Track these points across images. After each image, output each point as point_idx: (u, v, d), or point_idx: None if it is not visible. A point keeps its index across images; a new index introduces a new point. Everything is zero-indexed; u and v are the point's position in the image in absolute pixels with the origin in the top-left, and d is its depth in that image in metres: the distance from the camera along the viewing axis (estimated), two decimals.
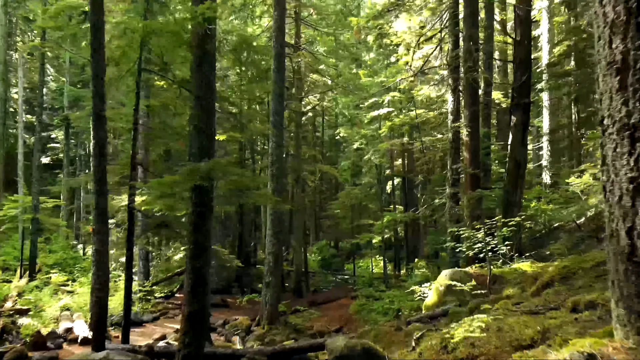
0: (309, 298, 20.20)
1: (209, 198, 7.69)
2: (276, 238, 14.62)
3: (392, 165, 26.05)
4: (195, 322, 7.34)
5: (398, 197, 29.73)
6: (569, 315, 3.92)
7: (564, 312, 4.14)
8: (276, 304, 14.71)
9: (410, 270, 19.47)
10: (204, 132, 7.72)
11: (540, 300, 5.42)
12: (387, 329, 8.22)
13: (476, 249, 9.80)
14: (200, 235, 7.52)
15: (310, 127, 33.46)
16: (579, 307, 4.01)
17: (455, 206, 13.40)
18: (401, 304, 15.60)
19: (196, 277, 7.43)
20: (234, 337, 12.95)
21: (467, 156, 13.30)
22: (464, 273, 9.25)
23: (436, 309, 8.65)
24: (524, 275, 8.77)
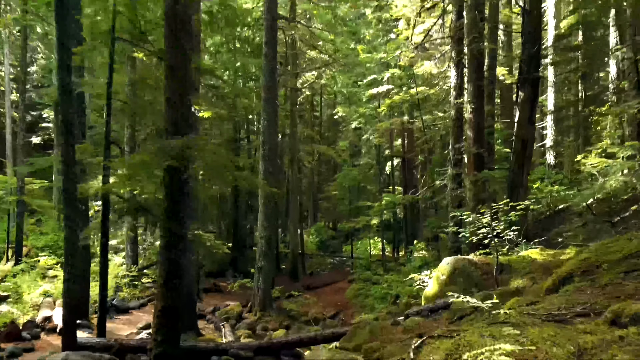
0: (305, 281, 19.50)
1: (184, 180, 6.81)
2: (268, 222, 13.80)
3: (391, 145, 25.09)
4: (169, 318, 6.54)
5: (397, 178, 28.85)
6: (609, 331, 3.08)
7: (600, 325, 3.30)
8: (269, 289, 13.98)
9: (410, 253, 18.71)
10: (178, 106, 6.80)
11: (560, 300, 4.59)
12: (384, 324, 7.42)
13: (480, 235, 8.96)
14: (174, 222, 6.66)
15: (308, 107, 32.41)
16: (620, 318, 3.17)
17: (458, 188, 12.53)
18: (399, 290, 14.87)
19: (170, 268, 6.60)
20: (224, 325, 12.21)
21: (471, 135, 12.38)
22: (468, 261, 8.43)
23: (437, 301, 7.85)
24: (533, 264, 7.95)
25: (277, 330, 12.81)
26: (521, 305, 4.96)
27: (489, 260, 8.46)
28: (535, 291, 6.20)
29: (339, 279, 19.87)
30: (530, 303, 4.88)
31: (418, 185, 23.90)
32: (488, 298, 6.72)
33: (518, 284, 7.26)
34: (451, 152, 13.08)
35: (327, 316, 14.58)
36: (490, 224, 7.83)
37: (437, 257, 17.06)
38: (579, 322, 3.64)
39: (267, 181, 13.78)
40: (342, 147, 28.42)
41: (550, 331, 3.38)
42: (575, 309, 4.07)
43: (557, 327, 3.53)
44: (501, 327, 3.82)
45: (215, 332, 12.27)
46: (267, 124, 13.88)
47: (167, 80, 6.89)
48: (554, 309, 4.29)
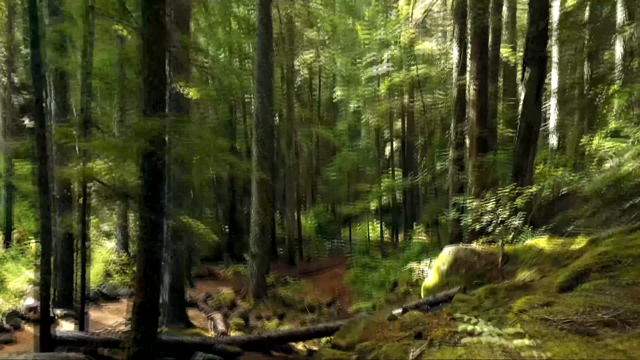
0: (302, 267, 19.02)
1: (162, 165, 6.20)
2: (262, 207, 13.22)
3: (391, 127, 24.39)
4: (147, 315, 5.99)
5: (397, 161, 28.21)
6: None
7: (634, 342, 2.72)
8: (263, 276, 13.48)
9: (409, 238, 18.18)
10: (156, 85, 6.15)
11: (578, 301, 4.03)
12: (380, 318, 6.88)
13: (484, 222, 8.39)
14: (151, 210, 6.07)
15: (306, 88, 31.60)
16: None
17: (459, 172, 11.92)
18: (398, 276, 14.37)
19: (148, 261, 6.03)
20: (215, 314, 11.72)
21: (474, 115, 11.71)
22: (470, 251, 7.86)
23: (437, 294, 7.31)
24: (541, 255, 7.37)
25: (270, 319, 12.36)
26: (533, 306, 4.39)
27: (493, 249, 7.89)
28: (546, 287, 5.63)
29: (337, 264, 19.41)
30: (544, 304, 4.31)
31: (418, 168, 23.29)
32: (494, 293, 6.17)
33: (525, 277, 6.70)
34: (452, 134, 12.44)
35: (324, 304, 14.12)
36: (495, 211, 7.24)
37: (437, 242, 16.55)
38: (607, 334, 3.07)
39: (261, 165, 13.18)
40: (341, 129, 27.68)
41: (574, 347, 2.81)
42: (599, 315, 3.50)
43: (581, 341, 2.96)
44: (513, 338, 3.25)
45: (206, 322, 11.79)
46: (260, 106, 13.20)
47: (144, 57, 6.23)
48: (572, 314, 3.72)
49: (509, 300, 5.84)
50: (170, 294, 10.43)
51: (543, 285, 5.82)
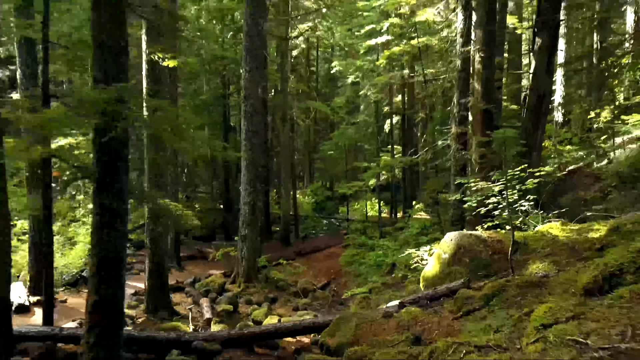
0: (297, 247, 18.25)
1: (121, 144, 5.28)
2: (252, 186, 12.34)
3: (390, 101, 23.31)
4: (105, 315, 5.18)
5: (397, 136, 27.21)
6: None
7: None
8: (254, 259, 12.70)
9: (408, 217, 17.36)
10: (110, 48, 5.19)
11: (614, 313, 3.20)
12: (373, 315, 6.08)
13: (490, 205, 7.54)
14: (109, 196, 5.19)
15: (303, 60, 30.31)
16: None
17: (462, 149, 11.00)
18: (395, 258, 13.59)
19: (104, 253, 5.19)
20: (203, 299, 10.98)
21: (479, 87, 10.72)
22: (475, 238, 7.01)
23: (438, 287, 6.49)
24: (554, 243, 6.53)
25: (261, 304, 11.62)
26: (558, 318, 3.54)
27: (500, 236, 7.04)
28: (566, 285, 4.79)
29: (333, 243, 18.62)
30: (572, 317, 3.46)
31: (418, 144, 22.32)
32: (503, 289, 5.33)
33: (538, 270, 5.86)
34: (455, 108, 11.47)
35: (318, 287, 13.37)
36: (504, 193, 6.36)
37: (437, 222, 15.73)
38: None
39: (250, 142, 12.26)
40: (338, 103, 26.58)
41: None
42: None
43: None
44: None
45: (193, 307, 11.05)
46: (249, 77, 12.19)
47: (95, 15, 5.25)
48: (614, 336, 2.87)
49: (522, 299, 5.01)
50: (151, 279, 9.66)
51: (561, 282, 4.98)
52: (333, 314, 11.48)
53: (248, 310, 11.33)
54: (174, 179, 14.58)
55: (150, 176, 9.42)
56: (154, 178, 9.45)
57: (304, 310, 11.52)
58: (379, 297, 11.53)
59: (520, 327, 3.91)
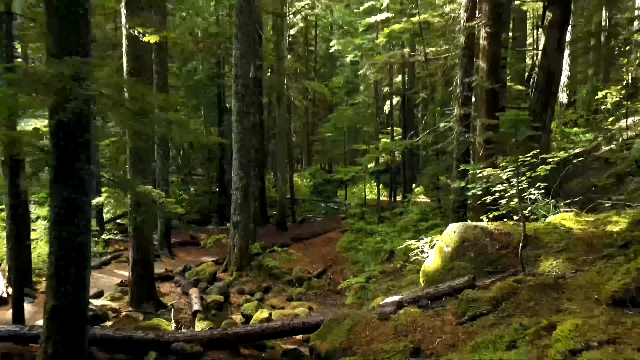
0: (293, 232, 17.67)
1: (82, 127, 4.60)
2: (244, 171, 11.68)
3: (390, 81, 22.46)
4: (67, 322, 4.57)
5: (397, 118, 26.41)
6: None
7: None
8: (246, 246, 12.12)
9: (407, 202, 16.73)
10: (66, 16, 4.48)
11: None
12: (368, 317, 5.47)
13: (497, 194, 6.89)
14: (68, 187, 4.54)
15: (302, 40, 29.37)
16: None
17: (465, 132, 10.29)
18: (394, 245, 13.00)
19: (65, 252, 4.55)
20: (192, 290, 10.41)
21: (484, 66, 9.95)
22: (481, 230, 6.38)
23: (440, 285, 5.87)
24: (569, 237, 5.89)
25: (254, 294, 11.07)
26: (588, 341, 2.91)
27: (508, 228, 6.40)
28: (587, 290, 4.17)
29: (331, 228, 18.04)
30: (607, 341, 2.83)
31: (419, 126, 21.57)
32: (514, 292, 4.71)
33: (552, 268, 5.23)
34: (459, 88, 10.72)
35: (313, 275, 12.81)
36: (517, 182, 5.70)
37: (438, 207, 15.11)
38: None
39: (241, 123, 11.55)
40: (337, 83, 25.72)
41: None
42: None
43: None
44: None
45: (182, 298, 10.51)
46: (240, 55, 11.42)
47: None
48: None
49: (536, 304, 4.39)
50: (135, 270, 9.07)
51: (581, 286, 4.35)
52: (328, 306, 11.02)
53: (240, 301, 10.79)
54: (165, 163, 13.92)
55: (133, 161, 8.75)
56: (137, 164, 8.77)
57: (299, 301, 10.98)
58: (377, 286, 10.98)
59: (540, 345, 3.29)
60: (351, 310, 6.01)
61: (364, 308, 9.97)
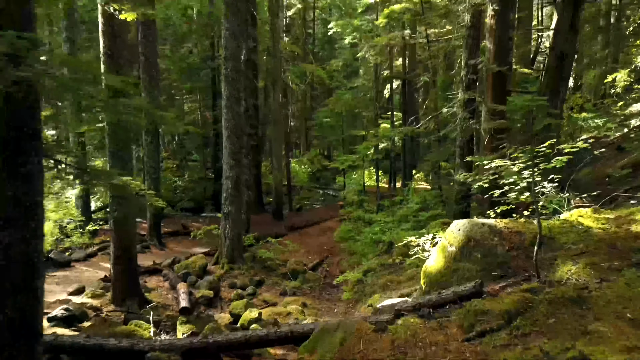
0: (290, 220, 17.06)
1: (29, 115, 3.92)
2: (234, 159, 11.01)
3: (390, 65, 21.65)
4: (15, 339, 3.94)
5: (397, 102, 25.60)
6: None
7: None
8: (238, 238, 11.50)
9: (408, 190, 16.07)
10: None
11: None
12: (363, 328, 4.84)
13: (506, 187, 6.22)
14: (12, 182, 3.87)
15: (299, 22, 28.40)
16: None
17: (470, 118, 9.58)
18: (394, 235, 12.40)
19: (9, 261, 3.90)
20: (180, 284, 9.82)
21: (491, 46, 9.23)
22: (488, 228, 5.71)
23: (442, 291, 5.23)
24: (588, 237, 5.23)
25: (246, 287, 10.49)
26: None
27: (519, 226, 5.74)
28: (618, 306, 3.53)
29: (328, 216, 17.44)
30: None
31: (419, 110, 20.82)
32: (530, 306, 4.07)
33: (571, 275, 4.59)
34: (463, 71, 9.97)
35: (309, 267, 12.23)
36: (533, 177, 5.03)
37: (439, 195, 14.46)
38: None
39: (231, 108, 10.83)
40: (335, 66, 24.85)
41: None
42: None
43: None
44: None
45: (169, 293, 9.93)
46: (230, 35, 10.65)
47: None
48: None
49: (556, 322, 3.76)
50: (117, 266, 8.45)
51: (610, 300, 3.71)
52: (323, 301, 10.43)
53: (231, 295, 10.22)
54: (154, 149, 13.22)
55: (112, 150, 8.06)
56: (117, 152, 8.09)
57: (293, 296, 10.40)
58: (375, 280, 10.39)
59: None
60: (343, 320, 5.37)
61: (360, 306, 9.43)
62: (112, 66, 7.99)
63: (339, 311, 9.56)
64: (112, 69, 7.99)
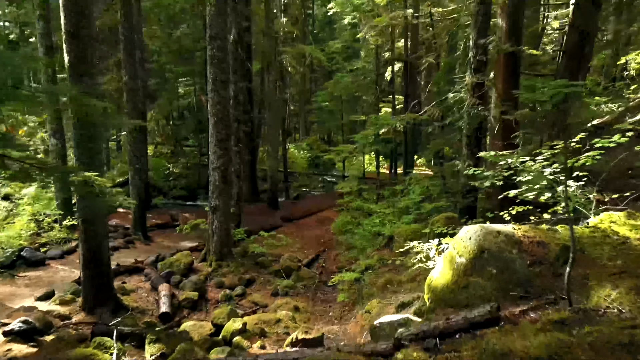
0: (286, 210, 16.17)
1: None
2: (222, 148, 10.06)
3: (392, 46, 20.51)
4: None
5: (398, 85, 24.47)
6: None
7: None
8: (227, 232, 10.62)
9: (409, 179, 15.09)
10: None
11: None
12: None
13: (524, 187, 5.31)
14: None
15: (298, 1, 27.11)
16: None
17: (479, 104, 8.56)
18: (394, 229, 11.49)
19: None
20: (162, 286, 8.98)
21: (503, 24, 8.20)
22: (505, 237, 4.79)
23: (451, 317, 4.33)
24: (626, 251, 4.31)
25: (235, 287, 9.66)
26: None
27: (542, 235, 4.81)
28: None
29: (327, 205, 16.54)
30: None
31: (422, 94, 19.76)
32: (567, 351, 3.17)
33: (611, 303, 3.67)
34: (471, 52, 8.91)
35: (304, 263, 11.38)
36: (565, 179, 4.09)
37: (443, 184, 13.50)
38: None
39: (217, 92, 9.84)
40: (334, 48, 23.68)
41: None
42: None
43: None
44: None
45: (150, 295, 9.09)
46: (215, 11, 9.59)
47: None
48: None
49: None
50: (87, 269, 7.59)
51: None
52: (317, 303, 9.57)
53: (218, 296, 9.41)
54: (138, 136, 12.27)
55: (77, 140, 7.11)
56: (83, 143, 7.14)
57: (285, 296, 9.57)
58: (374, 278, 9.52)
59: None
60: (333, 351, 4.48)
61: (356, 310, 8.58)
62: (74, 46, 7.00)
63: (334, 315, 8.72)
64: (74, 49, 7.00)
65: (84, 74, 7.12)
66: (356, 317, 7.87)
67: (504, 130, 8.10)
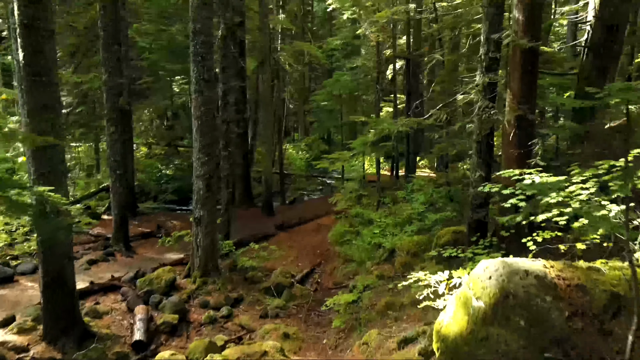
0: (281, 216, 15.19)
1: None
2: (206, 154, 9.09)
3: (394, 43, 19.44)
4: None
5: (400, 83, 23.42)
6: None
7: None
8: (213, 246, 9.67)
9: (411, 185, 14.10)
10: None
11: None
12: None
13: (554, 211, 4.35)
14: None
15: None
16: None
17: (491, 106, 7.56)
18: (396, 241, 10.53)
19: None
20: (138, 308, 8.04)
21: (520, 16, 7.20)
22: (535, 280, 3.79)
23: None
24: None
25: (220, 308, 8.72)
26: None
27: (580, 277, 3.82)
28: None
29: (324, 211, 15.51)
30: None
31: (425, 93, 18.71)
32: None
33: None
34: (483, 48, 7.90)
35: (297, 278, 10.40)
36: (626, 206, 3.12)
37: (447, 190, 12.52)
38: None
39: (201, 93, 8.87)
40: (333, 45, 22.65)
41: None
42: None
43: None
44: None
45: (125, 318, 8.14)
46: (198, 3, 8.61)
47: None
48: None
49: None
50: (47, 295, 6.65)
51: None
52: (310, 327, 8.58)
53: (201, 318, 8.48)
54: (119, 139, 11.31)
55: (32, 149, 6.15)
56: (39, 153, 6.18)
57: (275, 319, 8.63)
58: (373, 299, 8.56)
59: None
60: None
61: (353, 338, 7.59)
62: (29, 39, 6.04)
63: (328, 343, 7.76)
64: (29, 42, 6.04)
65: (41, 72, 6.16)
66: (353, 349, 6.92)
67: (520, 137, 7.11)
